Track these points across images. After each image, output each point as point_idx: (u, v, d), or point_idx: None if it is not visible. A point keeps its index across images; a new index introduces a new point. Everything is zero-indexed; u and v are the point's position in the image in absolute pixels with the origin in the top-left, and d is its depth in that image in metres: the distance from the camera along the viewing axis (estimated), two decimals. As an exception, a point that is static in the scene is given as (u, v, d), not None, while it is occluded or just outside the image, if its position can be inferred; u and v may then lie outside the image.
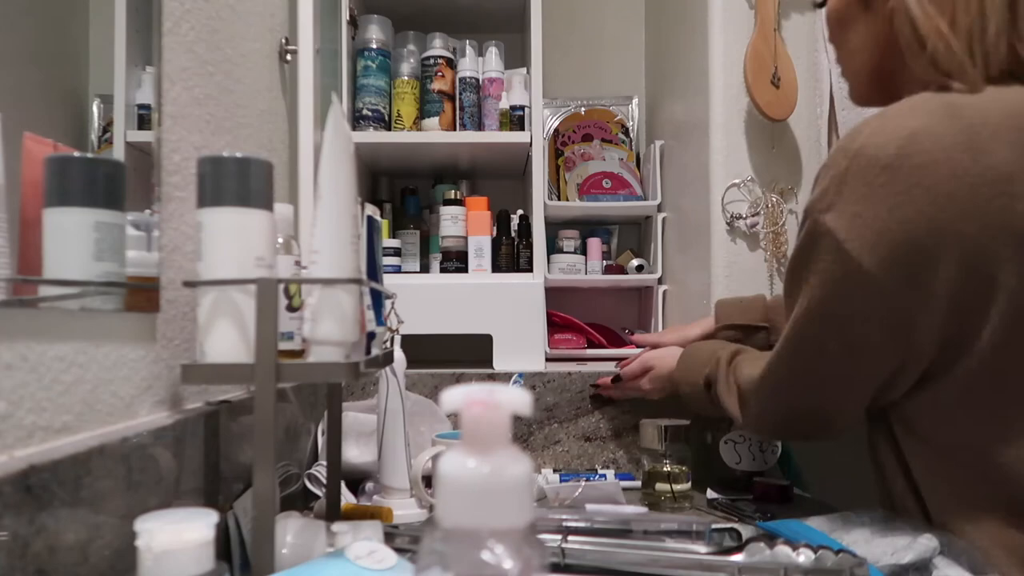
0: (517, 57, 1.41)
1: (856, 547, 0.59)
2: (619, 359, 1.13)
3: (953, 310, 0.57)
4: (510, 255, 1.30)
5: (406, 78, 1.34)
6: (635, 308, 1.60)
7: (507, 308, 1.20)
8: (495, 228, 1.32)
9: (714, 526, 0.68)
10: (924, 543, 0.57)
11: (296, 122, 1.06)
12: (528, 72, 1.31)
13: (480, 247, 1.26)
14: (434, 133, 1.32)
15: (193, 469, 0.59)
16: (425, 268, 1.40)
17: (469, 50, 1.35)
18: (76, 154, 0.50)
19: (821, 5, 0.74)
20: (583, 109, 1.62)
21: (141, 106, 0.59)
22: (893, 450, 0.65)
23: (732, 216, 1.18)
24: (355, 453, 0.94)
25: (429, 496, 0.84)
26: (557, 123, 1.61)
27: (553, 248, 1.47)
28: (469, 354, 1.24)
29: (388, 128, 1.33)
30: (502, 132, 1.32)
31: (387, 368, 0.84)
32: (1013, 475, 0.58)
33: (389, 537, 0.63)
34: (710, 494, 0.96)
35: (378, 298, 0.72)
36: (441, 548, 0.26)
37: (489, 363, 1.19)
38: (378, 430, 0.87)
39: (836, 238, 0.57)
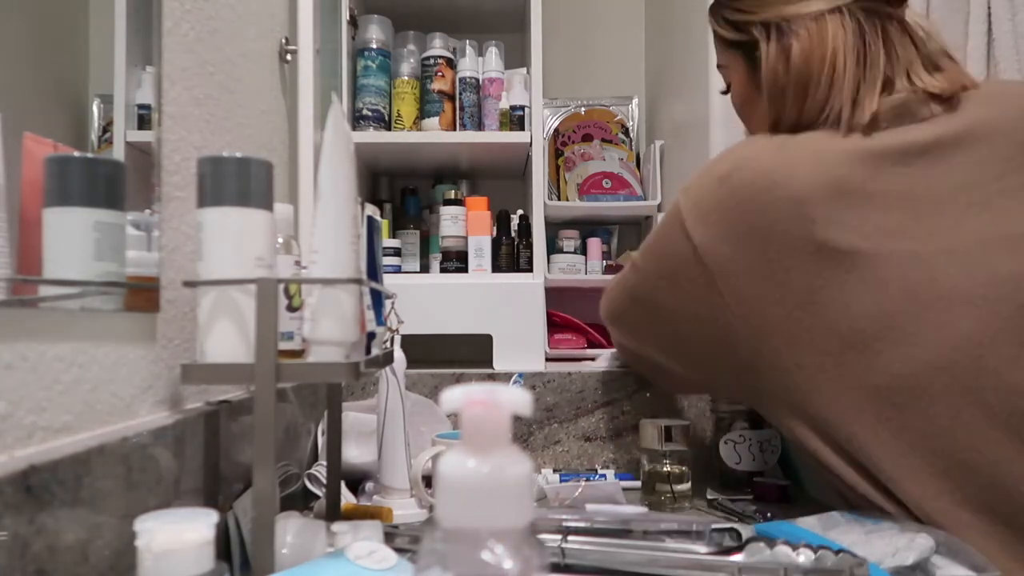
0: (517, 57, 1.41)
1: (856, 548, 0.59)
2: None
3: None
4: (510, 255, 1.30)
5: (406, 78, 1.34)
6: (635, 308, 1.60)
7: (507, 308, 1.20)
8: (495, 228, 1.32)
9: (714, 526, 0.67)
10: (922, 543, 0.57)
11: (296, 122, 1.06)
12: (528, 72, 1.31)
13: (480, 247, 1.26)
14: (434, 133, 1.32)
15: (193, 469, 0.59)
16: (425, 268, 1.40)
17: (469, 50, 1.35)
18: (76, 154, 0.50)
19: (725, 92, 0.88)
20: (583, 109, 1.62)
21: (141, 106, 0.59)
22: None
23: (732, 216, 1.18)
24: (355, 453, 0.94)
25: (429, 496, 0.84)
26: (557, 123, 1.61)
27: (553, 248, 1.47)
28: (469, 354, 1.24)
29: (388, 128, 1.33)
30: (502, 132, 1.32)
31: (387, 368, 0.84)
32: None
33: (389, 537, 0.63)
34: (710, 494, 0.96)
35: (378, 298, 0.72)
36: (441, 548, 0.26)
37: (489, 363, 1.19)
38: (378, 430, 0.87)
39: (680, 214, 0.74)
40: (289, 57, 1.02)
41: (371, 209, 1.25)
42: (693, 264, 0.72)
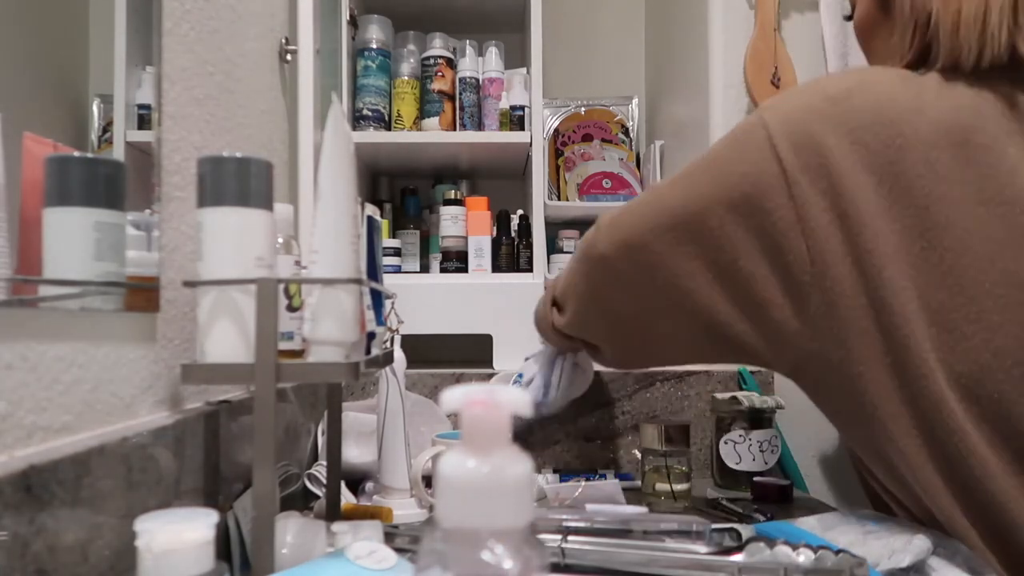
0: (517, 57, 1.41)
1: (853, 549, 0.59)
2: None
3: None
4: (510, 255, 1.30)
5: (406, 78, 1.34)
6: (635, 308, 1.60)
7: (507, 308, 1.20)
8: (495, 228, 1.32)
9: (714, 526, 0.67)
10: (919, 544, 0.57)
11: (296, 122, 1.06)
12: (528, 72, 1.31)
13: (480, 247, 1.26)
14: (434, 133, 1.32)
15: (193, 469, 0.59)
16: (425, 268, 1.40)
17: (469, 50, 1.35)
18: (76, 154, 0.50)
19: (849, 18, 0.79)
20: (583, 109, 1.62)
21: (141, 106, 0.59)
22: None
23: (732, 216, 1.18)
24: (355, 453, 0.94)
25: (429, 496, 0.84)
26: (557, 123, 1.61)
27: (553, 248, 1.47)
28: (469, 354, 1.24)
29: (388, 128, 1.33)
30: (502, 132, 1.31)
31: (387, 368, 0.84)
32: None
33: (389, 537, 0.63)
34: (710, 494, 0.96)
35: (378, 298, 0.72)
36: (441, 548, 0.26)
37: (489, 363, 1.19)
38: (378, 430, 0.87)
39: (768, 131, 0.63)
40: (289, 57, 1.02)
41: (371, 209, 1.24)
42: (777, 193, 0.61)
